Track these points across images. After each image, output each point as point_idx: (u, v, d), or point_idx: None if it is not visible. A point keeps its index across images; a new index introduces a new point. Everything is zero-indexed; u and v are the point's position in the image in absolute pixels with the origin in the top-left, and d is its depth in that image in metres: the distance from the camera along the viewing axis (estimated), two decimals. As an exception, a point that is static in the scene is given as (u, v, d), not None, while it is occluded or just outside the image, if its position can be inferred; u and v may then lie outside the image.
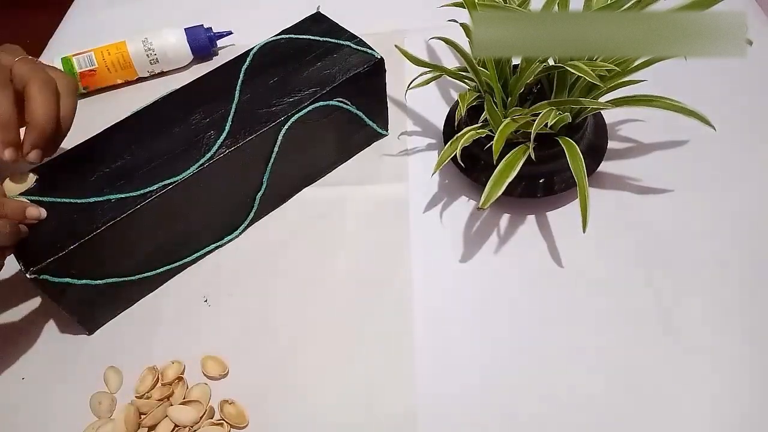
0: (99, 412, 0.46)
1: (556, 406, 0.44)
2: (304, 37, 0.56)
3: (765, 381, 0.43)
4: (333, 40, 0.56)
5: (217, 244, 0.55)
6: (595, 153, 0.53)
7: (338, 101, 0.53)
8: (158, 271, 0.51)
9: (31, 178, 0.48)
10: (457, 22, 0.52)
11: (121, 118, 0.52)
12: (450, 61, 0.66)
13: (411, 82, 0.53)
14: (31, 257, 0.44)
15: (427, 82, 0.53)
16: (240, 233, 0.55)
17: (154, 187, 0.47)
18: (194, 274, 0.54)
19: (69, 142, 0.49)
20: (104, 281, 0.48)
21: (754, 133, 0.57)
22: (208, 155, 0.49)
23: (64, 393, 0.48)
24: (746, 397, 0.43)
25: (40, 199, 0.46)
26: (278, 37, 0.57)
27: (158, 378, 0.47)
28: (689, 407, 0.43)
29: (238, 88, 0.53)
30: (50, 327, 0.52)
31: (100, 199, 0.46)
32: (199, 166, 0.48)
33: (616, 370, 0.45)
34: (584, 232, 0.46)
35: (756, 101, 0.59)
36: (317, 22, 0.58)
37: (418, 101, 0.63)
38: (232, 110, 0.51)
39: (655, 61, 0.48)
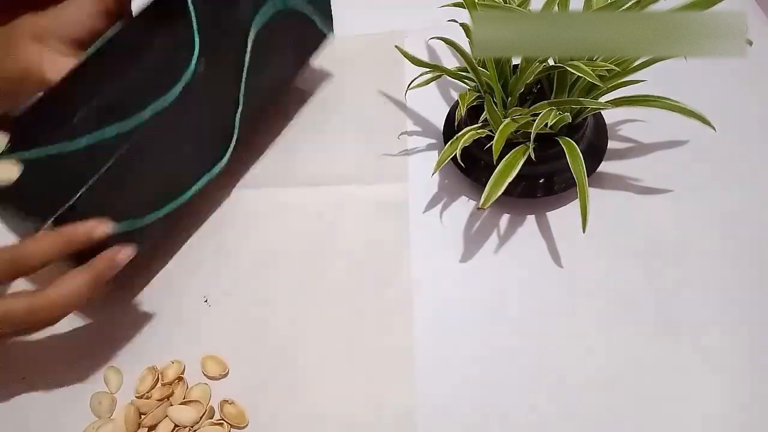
0: (99, 412, 0.46)
1: (557, 406, 0.44)
2: None
3: (766, 380, 0.43)
4: None
5: (209, 175, 0.53)
6: (595, 153, 0.53)
7: None
8: (162, 211, 0.49)
9: (2, 140, 0.44)
10: (457, 22, 0.52)
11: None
12: (450, 61, 0.66)
13: (411, 82, 0.53)
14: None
15: (427, 82, 0.53)
16: (227, 161, 0.54)
17: (145, 116, 0.45)
18: (194, 274, 0.54)
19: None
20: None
21: (754, 134, 0.57)
22: (189, 72, 0.47)
23: (64, 393, 0.48)
24: (747, 396, 0.43)
25: (20, 156, 0.43)
26: None
27: (158, 378, 0.47)
28: (689, 407, 0.43)
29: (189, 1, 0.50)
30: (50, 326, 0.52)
31: (92, 140, 0.44)
32: (186, 84, 0.47)
33: (616, 370, 0.45)
34: (584, 232, 0.46)
35: (756, 101, 0.59)
36: None
37: (418, 101, 0.63)
38: (194, 25, 0.49)
39: (655, 61, 0.48)
